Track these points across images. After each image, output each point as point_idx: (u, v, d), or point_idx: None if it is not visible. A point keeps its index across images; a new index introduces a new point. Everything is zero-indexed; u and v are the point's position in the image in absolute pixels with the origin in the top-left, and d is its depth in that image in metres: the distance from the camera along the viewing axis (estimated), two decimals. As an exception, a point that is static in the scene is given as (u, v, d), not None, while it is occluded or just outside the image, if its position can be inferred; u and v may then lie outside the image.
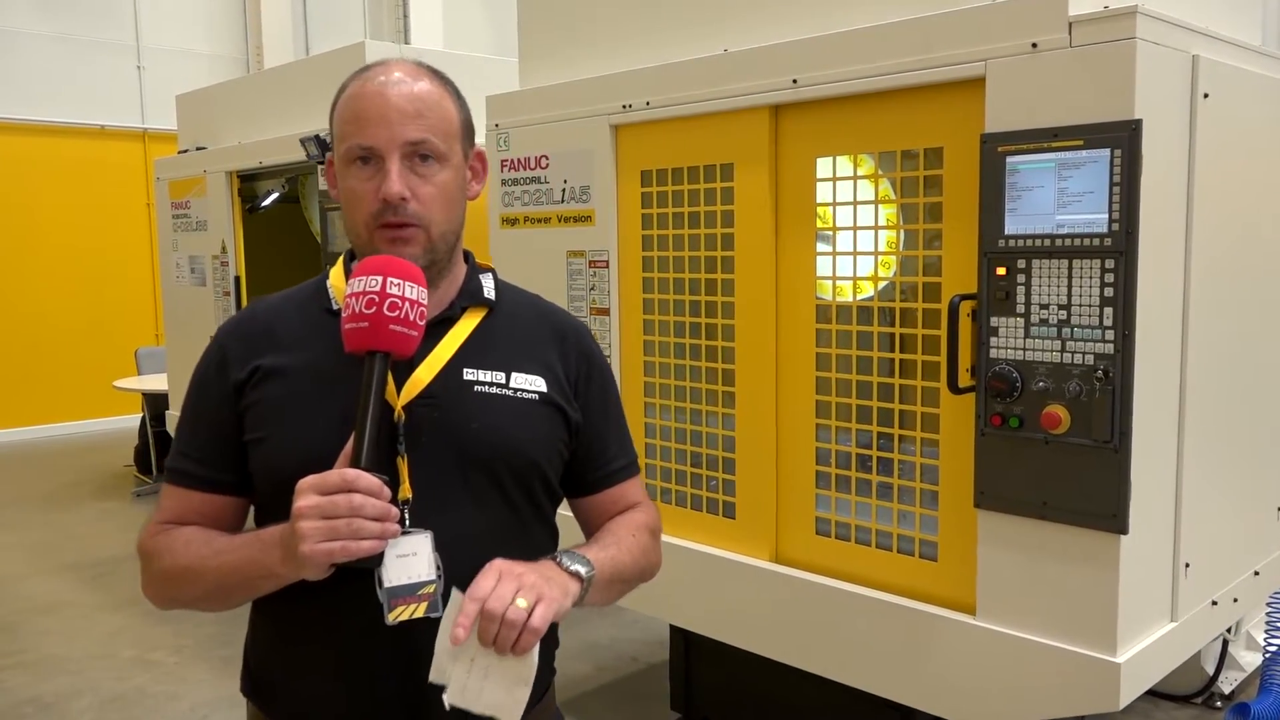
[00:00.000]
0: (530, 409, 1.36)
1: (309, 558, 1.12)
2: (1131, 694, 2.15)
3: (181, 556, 1.29)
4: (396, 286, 1.21)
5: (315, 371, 1.31)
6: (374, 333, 1.20)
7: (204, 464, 1.35)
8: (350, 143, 1.30)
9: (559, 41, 3.32)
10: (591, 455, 1.44)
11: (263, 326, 1.37)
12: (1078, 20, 2.06)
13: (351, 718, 1.32)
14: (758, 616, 2.79)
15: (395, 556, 1.18)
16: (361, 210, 1.30)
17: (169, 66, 10.08)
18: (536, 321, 1.45)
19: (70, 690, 4.09)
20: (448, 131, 1.33)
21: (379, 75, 1.31)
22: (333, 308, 1.36)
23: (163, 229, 5.88)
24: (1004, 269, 2.19)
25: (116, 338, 9.52)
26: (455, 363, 1.33)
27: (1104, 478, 2.09)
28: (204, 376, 1.38)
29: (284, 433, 1.29)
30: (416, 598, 1.19)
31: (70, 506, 7.03)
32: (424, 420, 1.28)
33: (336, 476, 1.14)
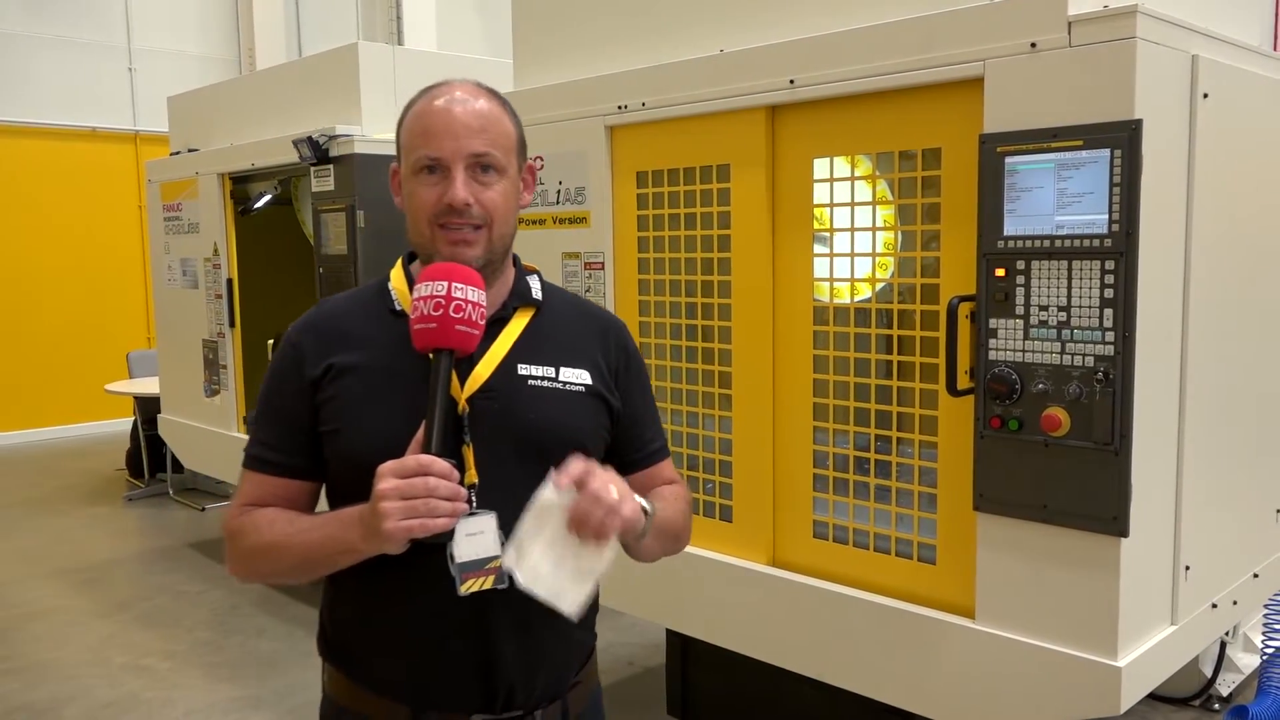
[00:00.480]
0: (578, 400, 1.50)
1: (391, 534, 1.25)
2: (1133, 698, 2.14)
3: (266, 534, 1.42)
4: (460, 291, 1.34)
5: (385, 368, 1.44)
6: (442, 332, 1.33)
7: (281, 451, 1.47)
8: (419, 154, 1.42)
9: (554, 42, 3.30)
10: (631, 438, 1.59)
11: (334, 326, 1.49)
12: (1077, 20, 2.04)
13: (425, 678, 1.44)
14: (755, 620, 2.77)
15: (465, 535, 1.32)
16: (427, 214, 1.42)
17: (160, 68, 10.05)
18: (579, 319, 1.59)
19: (62, 697, 4.05)
20: (506, 146, 1.46)
21: (445, 94, 1.44)
22: (395, 308, 1.48)
23: (154, 231, 5.84)
24: (1003, 270, 2.18)
25: (108, 341, 9.47)
26: (510, 359, 1.47)
27: (1104, 480, 2.08)
28: (281, 372, 1.49)
29: (359, 425, 1.42)
30: (484, 571, 1.34)
31: (61, 511, 6.99)
32: (485, 412, 1.42)
33: (413, 461, 1.26)
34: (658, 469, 1.63)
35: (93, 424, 9.61)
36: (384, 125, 4.50)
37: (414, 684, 1.44)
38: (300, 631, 4.64)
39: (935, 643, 2.38)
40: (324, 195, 4.41)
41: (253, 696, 4.01)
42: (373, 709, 1.46)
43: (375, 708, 1.46)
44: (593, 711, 1.59)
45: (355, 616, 1.49)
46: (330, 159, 4.33)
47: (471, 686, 1.43)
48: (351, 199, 4.25)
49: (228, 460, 5.38)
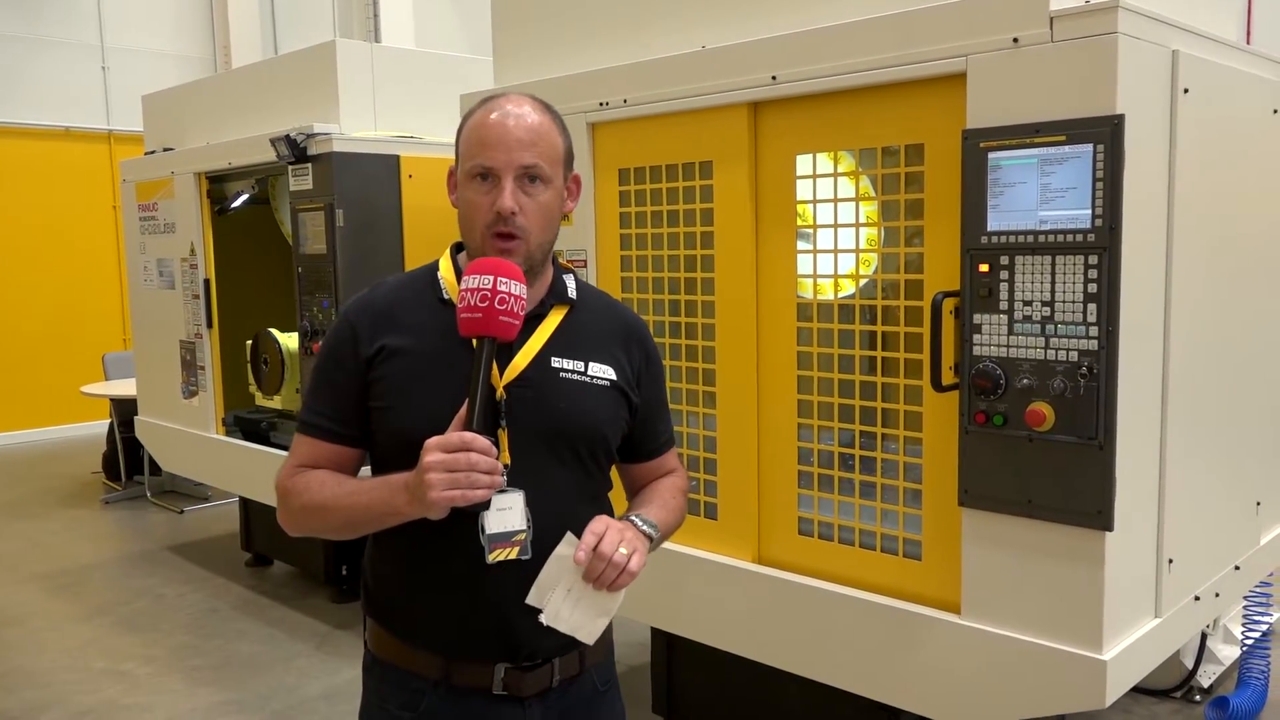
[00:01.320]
0: (603, 393, 1.64)
1: (435, 501, 1.39)
2: (1118, 691, 2.15)
3: (318, 494, 1.57)
4: (505, 285, 1.46)
5: (432, 353, 1.57)
6: (486, 321, 1.46)
7: (335, 420, 1.61)
8: (474, 162, 1.55)
9: (534, 38, 3.28)
10: (646, 431, 1.76)
11: (387, 309, 1.62)
12: (1059, 15, 2.05)
13: (459, 632, 1.59)
14: (740, 618, 2.76)
15: (495, 510, 1.48)
16: (479, 218, 1.56)
17: (134, 67, 9.93)
18: (607, 319, 1.72)
19: (39, 703, 4.00)
20: (554, 158, 1.58)
21: (502, 106, 1.57)
22: (444, 297, 1.62)
23: (129, 231, 5.76)
24: (987, 266, 2.18)
25: (83, 343, 9.35)
26: (544, 352, 1.60)
27: (1089, 475, 2.08)
28: (336, 348, 1.62)
29: (408, 403, 1.55)
30: (511, 543, 1.50)
31: (37, 515, 6.90)
32: (520, 400, 1.56)
33: (457, 438, 1.40)
34: (664, 459, 1.81)
35: (68, 427, 9.50)
36: (362, 123, 4.46)
37: (446, 638, 1.59)
38: (280, 634, 4.60)
39: (921, 638, 2.38)
40: (302, 194, 4.37)
41: (234, 700, 3.97)
42: (410, 660, 1.61)
43: (412, 659, 1.61)
44: (607, 663, 1.74)
45: (395, 574, 1.64)
46: (308, 158, 4.28)
47: (496, 640, 1.58)
48: (330, 198, 4.20)
49: (206, 462, 5.33)
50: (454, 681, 1.59)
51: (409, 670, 1.62)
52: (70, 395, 7.92)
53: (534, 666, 1.60)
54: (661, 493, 1.76)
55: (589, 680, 1.69)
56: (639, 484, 1.81)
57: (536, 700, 1.61)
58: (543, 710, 1.62)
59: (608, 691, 1.73)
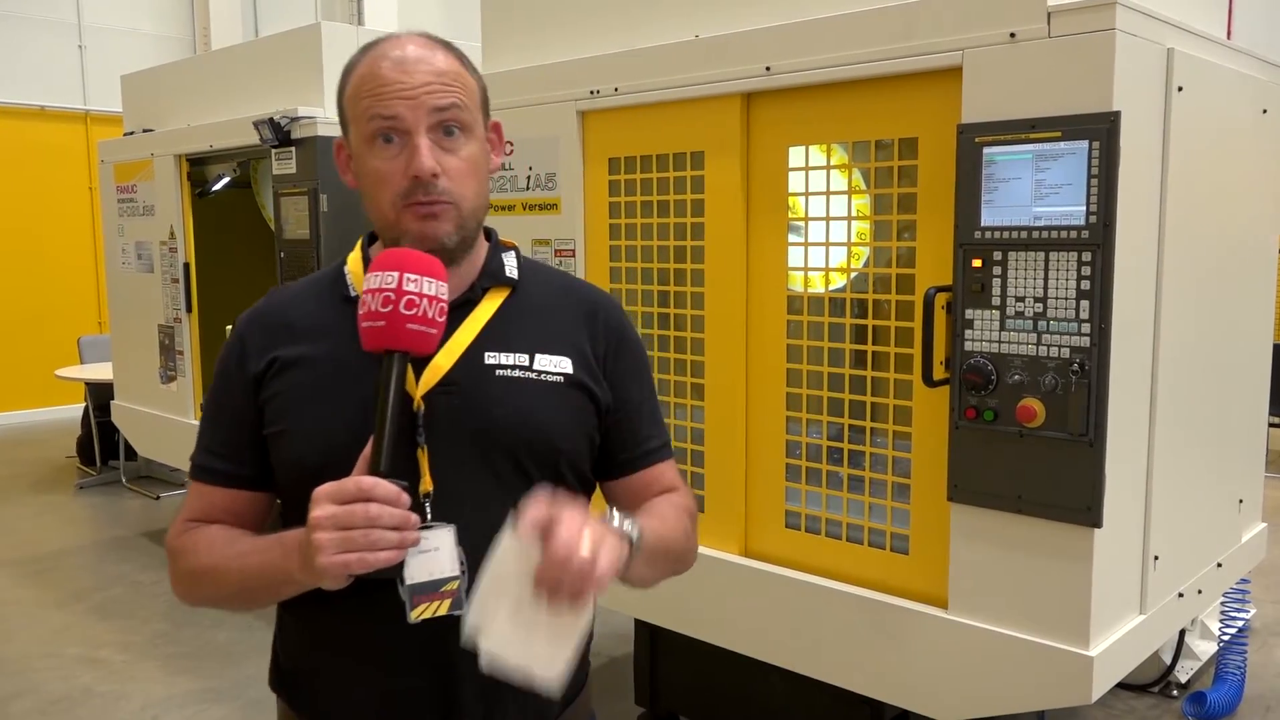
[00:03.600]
0: (555, 391, 1.30)
1: (325, 569, 1.08)
2: (1103, 687, 2.15)
3: (205, 557, 1.27)
4: (413, 283, 1.16)
5: (335, 361, 1.27)
6: (391, 332, 1.16)
7: (226, 459, 1.32)
8: (372, 116, 1.23)
9: (525, 24, 3.25)
10: (622, 435, 1.37)
11: (281, 316, 1.34)
12: (1057, 10, 2.04)
13: (381, 713, 1.29)
14: (726, 610, 2.76)
15: (417, 553, 1.14)
16: (388, 190, 1.23)
17: (112, 46, 9.78)
18: (562, 299, 1.39)
19: (11, 691, 3.95)
20: (471, 101, 1.28)
21: (394, 49, 1.25)
22: (350, 294, 1.32)
23: (107, 213, 5.68)
24: (980, 261, 2.17)
25: (58, 325, 9.23)
26: (476, 347, 1.28)
27: (1079, 471, 2.09)
28: (224, 369, 1.35)
29: (304, 425, 1.26)
30: (439, 594, 1.15)
31: (10, 500, 6.80)
32: (444, 409, 1.24)
33: (352, 485, 1.09)
34: (656, 472, 1.40)
35: (42, 410, 9.37)
36: (347, 107, 4.40)
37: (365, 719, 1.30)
38: (258, 623, 4.56)
39: (908, 633, 2.38)
40: (285, 178, 4.32)
41: (211, 689, 3.93)
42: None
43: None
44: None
45: (303, 647, 1.35)
46: (292, 141, 4.23)
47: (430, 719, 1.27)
48: (314, 182, 4.15)
49: (184, 448, 5.25)
50: None
51: None
52: (44, 378, 7.82)
53: None
54: (658, 507, 1.36)
55: None
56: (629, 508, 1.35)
57: None
58: None
59: None
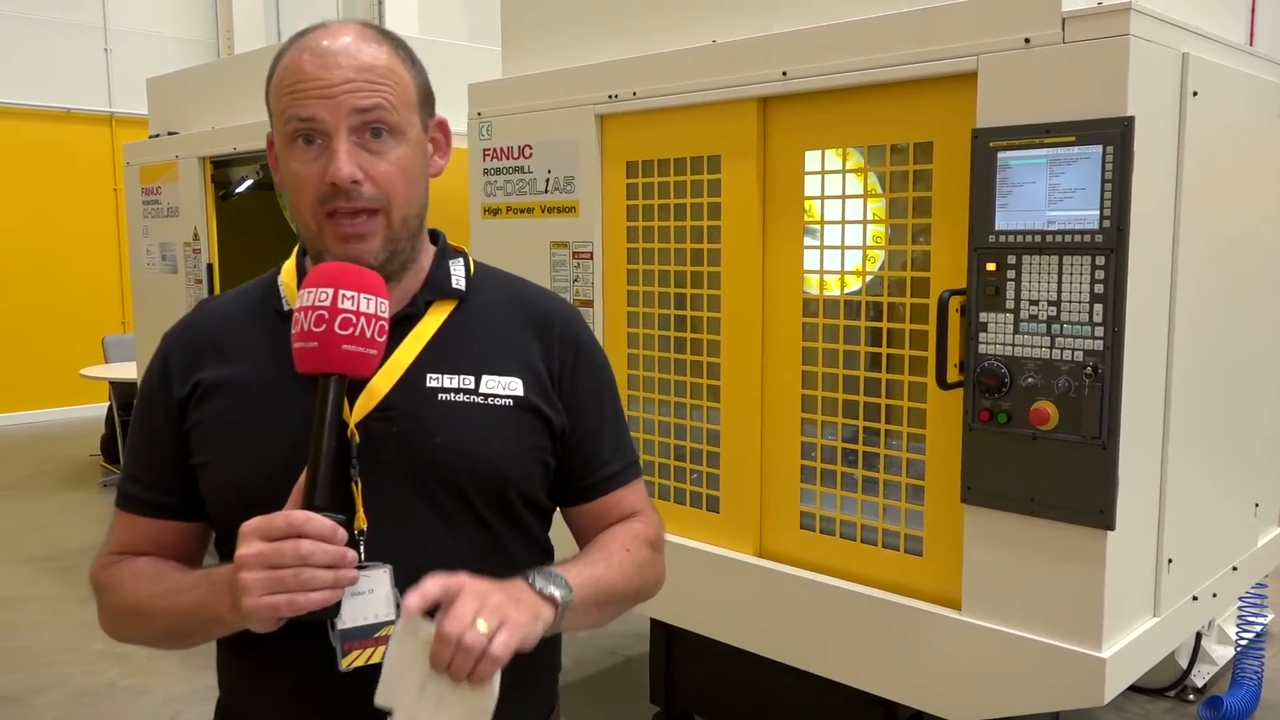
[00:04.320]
0: (503, 417, 1.20)
1: (252, 612, 1.00)
2: (1116, 689, 2.16)
3: (130, 594, 1.19)
4: (349, 300, 1.06)
5: (264, 384, 1.17)
6: (324, 354, 1.06)
7: (152, 488, 1.23)
8: (289, 116, 1.15)
9: (544, 29, 3.28)
10: (582, 459, 1.28)
11: (208, 333, 1.23)
12: (1071, 16, 2.05)
13: None
14: (741, 611, 2.78)
15: (350, 595, 1.06)
16: (307, 196, 1.14)
17: (136, 49, 9.90)
18: (514, 310, 1.27)
19: (37, 685, 4.01)
20: (402, 99, 1.17)
21: (319, 40, 1.16)
22: (283, 308, 1.22)
23: (132, 215, 5.76)
24: (994, 265, 2.19)
25: (83, 325, 9.35)
26: (417, 368, 1.18)
27: (1091, 474, 2.10)
28: (147, 391, 1.24)
29: (231, 456, 1.17)
30: (374, 640, 1.07)
31: (36, 497, 6.90)
32: (381, 437, 1.14)
33: (282, 520, 1.01)
34: (616, 498, 1.31)
35: (67, 409, 9.50)
36: (368, 111, 4.45)
37: None
38: (280, 619, 4.62)
39: (921, 633, 2.40)
40: (307, 180, 4.37)
41: (232, 684, 3.99)
42: None
43: None
44: None
45: (238, 687, 1.27)
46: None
47: None
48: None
49: (206, 447, 5.33)
50: None
51: None
52: (69, 377, 7.92)
53: None
54: (607, 543, 1.26)
55: None
56: (589, 533, 1.32)
57: None
58: None
59: None
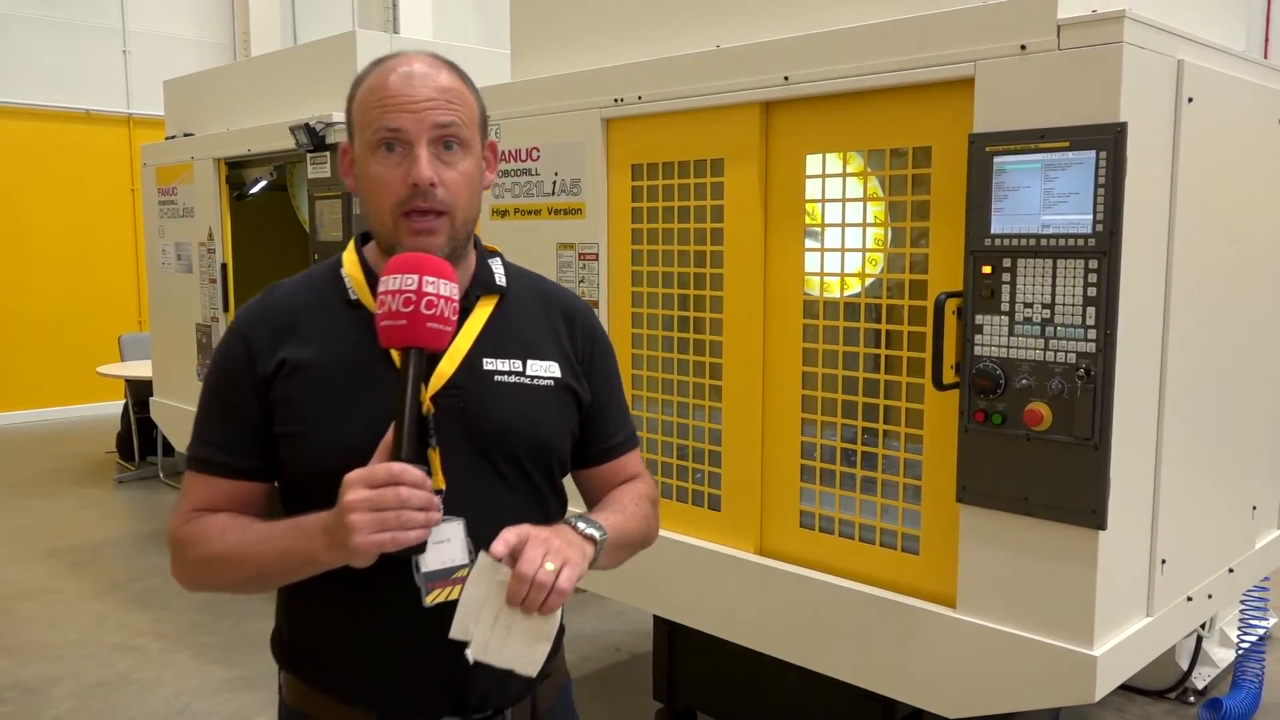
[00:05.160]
0: (546, 395, 1.42)
1: (361, 548, 1.17)
2: (1107, 686, 2.19)
3: (218, 544, 1.33)
4: (432, 285, 1.24)
5: (344, 365, 1.35)
6: (412, 330, 1.23)
7: (231, 452, 1.38)
8: (377, 128, 1.32)
9: (551, 33, 3.33)
10: (595, 430, 1.51)
11: (285, 317, 1.39)
12: (1066, 23, 2.09)
13: (395, 687, 1.38)
14: (741, 608, 2.82)
15: (431, 544, 1.24)
16: (388, 197, 1.32)
17: (154, 51, 10.02)
18: (544, 305, 1.50)
19: (52, 676, 4.09)
20: (469, 120, 1.37)
21: (402, 65, 1.35)
22: (350, 298, 1.40)
23: (149, 215, 5.85)
24: (989, 268, 2.22)
25: (99, 323, 9.47)
26: (474, 353, 1.38)
27: (1084, 474, 2.13)
28: (229, 367, 1.39)
29: (320, 427, 1.33)
30: (451, 581, 1.27)
31: (52, 493, 7.00)
32: (449, 411, 1.33)
33: (384, 471, 1.18)
34: (621, 463, 1.55)
35: (83, 406, 9.62)
36: (381, 113, 4.52)
37: (384, 692, 1.39)
38: (290, 615, 4.68)
39: (917, 631, 2.43)
40: (320, 182, 4.43)
41: (243, 678, 4.04)
42: (337, 716, 1.40)
43: (340, 715, 1.40)
44: (562, 705, 1.54)
45: (319, 625, 1.42)
46: (327, 146, 4.35)
47: (440, 692, 1.38)
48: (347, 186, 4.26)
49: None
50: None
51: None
52: (86, 375, 8.02)
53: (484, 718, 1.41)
54: (619, 498, 1.51)
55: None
56: (596, 495, 1.55)
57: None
58: None
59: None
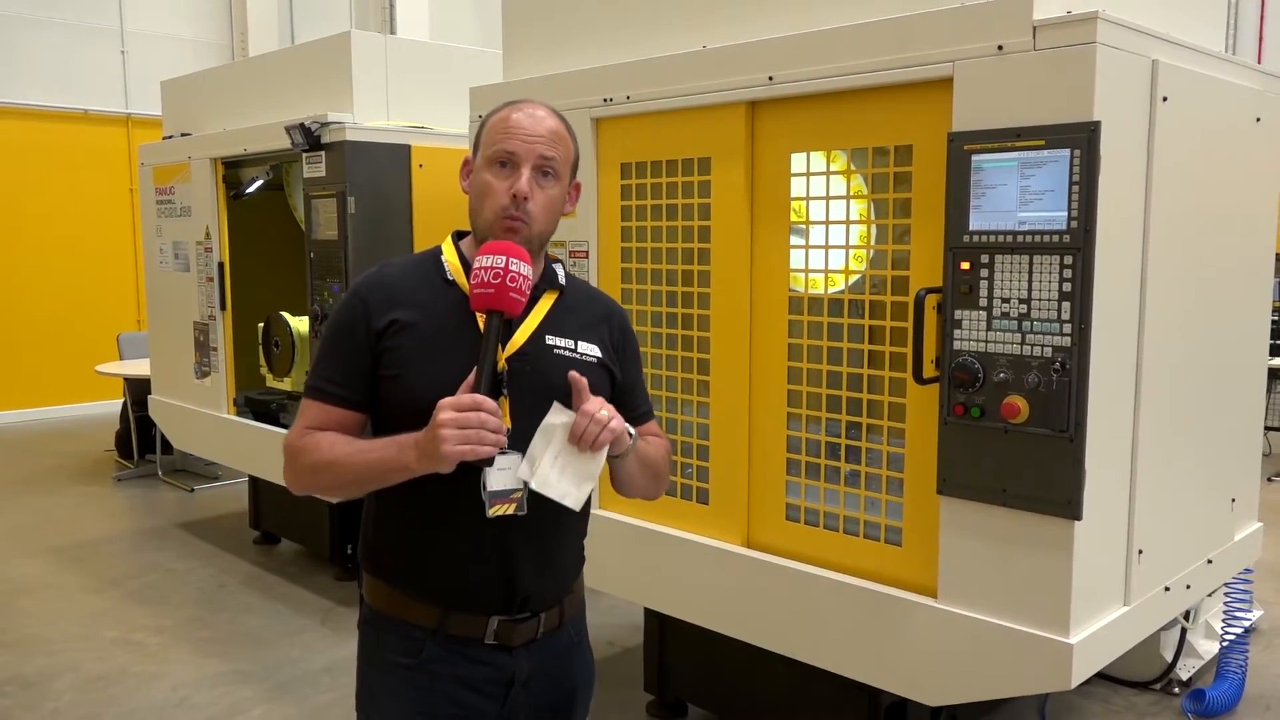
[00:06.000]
0: (591, 369, 1.80)
1: (447, 455, 1.54)
2: (1084, 674, 2.24)
3: (327, 453, 1.71)
4: (516, 265, 1.64)
5: (438, 327, 1.74)
6: (498, 297, 1.63)
7: (344, 386, 1.76)
8: (498, 148, 1.72)
9: (542, 34, 3.38)
10: (624, 403, 1.88)
11: (396, 285, 1.78)
12: (1042, 24, 2.13)
13: (456, 585, 1.74)
14: (729, 599, 2.86)
15: (496, 470, 1.62)
16: (495, 201, 1.72)
17: (153, 52, 10.05)
18: (592, 304, 1.91)
19: (52, 670, 4.13)
20: (566, 159, 1.78)
21: (528, 108, 1.77)
22: (448, 278, 1.79)
23: (146, 214, 5.88)
24: (968, 264, 2.27)
25: (98, 322, 9.50)
26: (540, 331, 1.78)
27: (1059, 466, 2.17)
28: (349, 320, 1.77)
29: (418, 372, 1.71)
30: (509, 500, 1.65)
31: (51, 490, 7.04)
32: (519, 372, 1.73)
33: (469, 399, 1.56)
34: (644, 428, 1.94)
35: (83, 405, 9.65)
36: (375, 113, 4.56)
37: (446, 589, 1.74)
38: (285, 609, 4.72)
39: (900, 621, 2.48)
40: (315, 181, 4.47)
41: (240, 671, 4.09)
42: (409, 611, 1.76)
43: (411, 610, 1.76)
44: (580, 616, 1.93)
45: (399, 529, 1.79)
46: (322, 146, 4.39)
47: (494, 593, 1.74)
48: (342, 185, 4.31)
49: (217, 442, 5.45)
50: (449, 631, 1.74)
51: (407, 621, 1.76)
52: (85, 374, 8.06)
53: (524, 619, 1.76)
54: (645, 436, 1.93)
55: (566, 633, 1.85)
56: None
57: (522, 650, 1.77)
58: (528, 659, 1.78)
59: (580, 643, 1.92)
